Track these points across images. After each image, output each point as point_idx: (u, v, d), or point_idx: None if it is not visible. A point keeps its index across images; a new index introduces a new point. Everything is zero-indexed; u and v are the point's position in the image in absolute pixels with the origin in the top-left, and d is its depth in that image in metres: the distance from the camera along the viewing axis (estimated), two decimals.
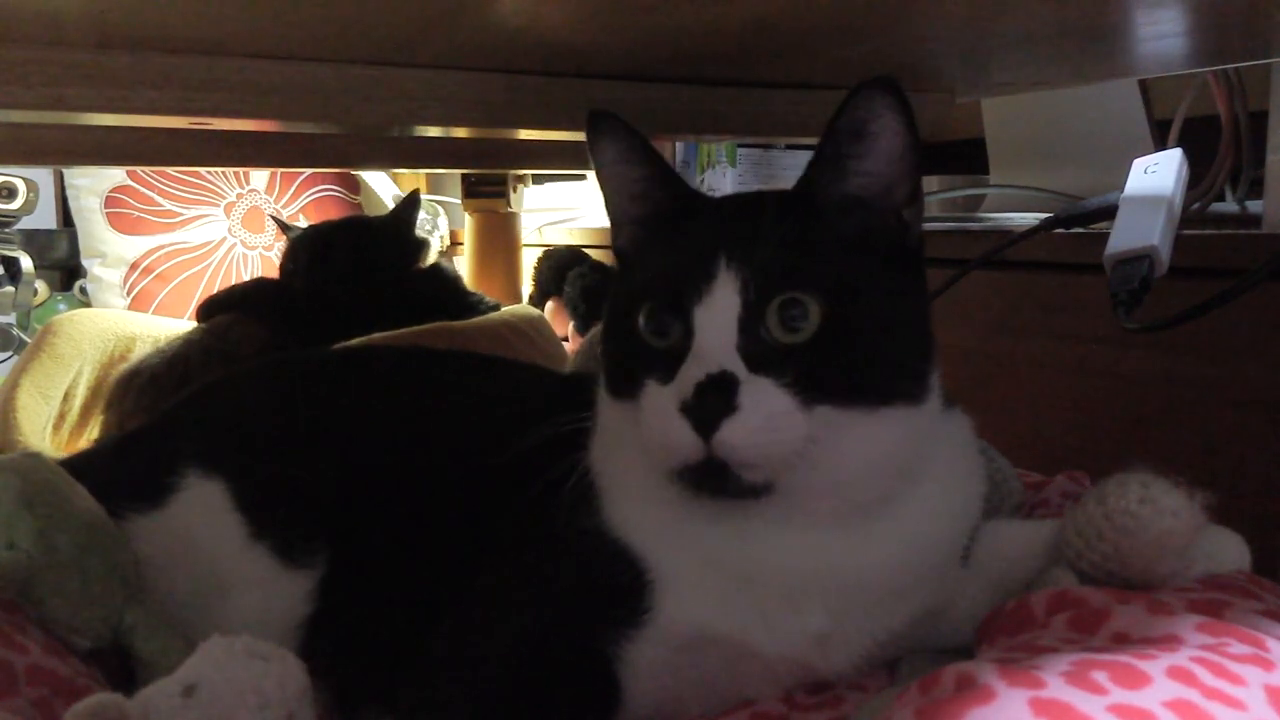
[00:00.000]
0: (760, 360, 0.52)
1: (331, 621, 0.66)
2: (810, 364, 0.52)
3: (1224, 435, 0.96)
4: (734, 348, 0.52)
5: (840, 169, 0.56)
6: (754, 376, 0.52)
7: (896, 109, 0.54)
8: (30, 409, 1.36)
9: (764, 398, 0.51)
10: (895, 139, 0.55)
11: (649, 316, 0.56)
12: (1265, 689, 0.43)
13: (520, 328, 1.43)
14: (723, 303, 0.53)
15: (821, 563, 0.57)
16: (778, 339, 0.53)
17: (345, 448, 0.71)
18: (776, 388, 0.52)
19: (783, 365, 0.52)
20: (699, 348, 0.53)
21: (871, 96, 0.54)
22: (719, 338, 0.53)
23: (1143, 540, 0.57)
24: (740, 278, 0.53)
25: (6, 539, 0.57)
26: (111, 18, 0.67)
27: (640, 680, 0.57)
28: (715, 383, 0.51)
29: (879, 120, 0.54)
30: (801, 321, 0.53)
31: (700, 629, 0.57)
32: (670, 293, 0.55)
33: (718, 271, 0.54)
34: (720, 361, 0.52)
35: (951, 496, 0.61)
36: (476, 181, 2.07)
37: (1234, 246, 0.98)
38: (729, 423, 0.51)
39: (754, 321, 0.53)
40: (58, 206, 2.70)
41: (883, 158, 0.56)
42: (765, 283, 0.53)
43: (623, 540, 0.58)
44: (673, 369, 0.53)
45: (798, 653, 0.58)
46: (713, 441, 0.51)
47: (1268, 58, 0.90)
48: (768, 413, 0.51)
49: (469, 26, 0.72)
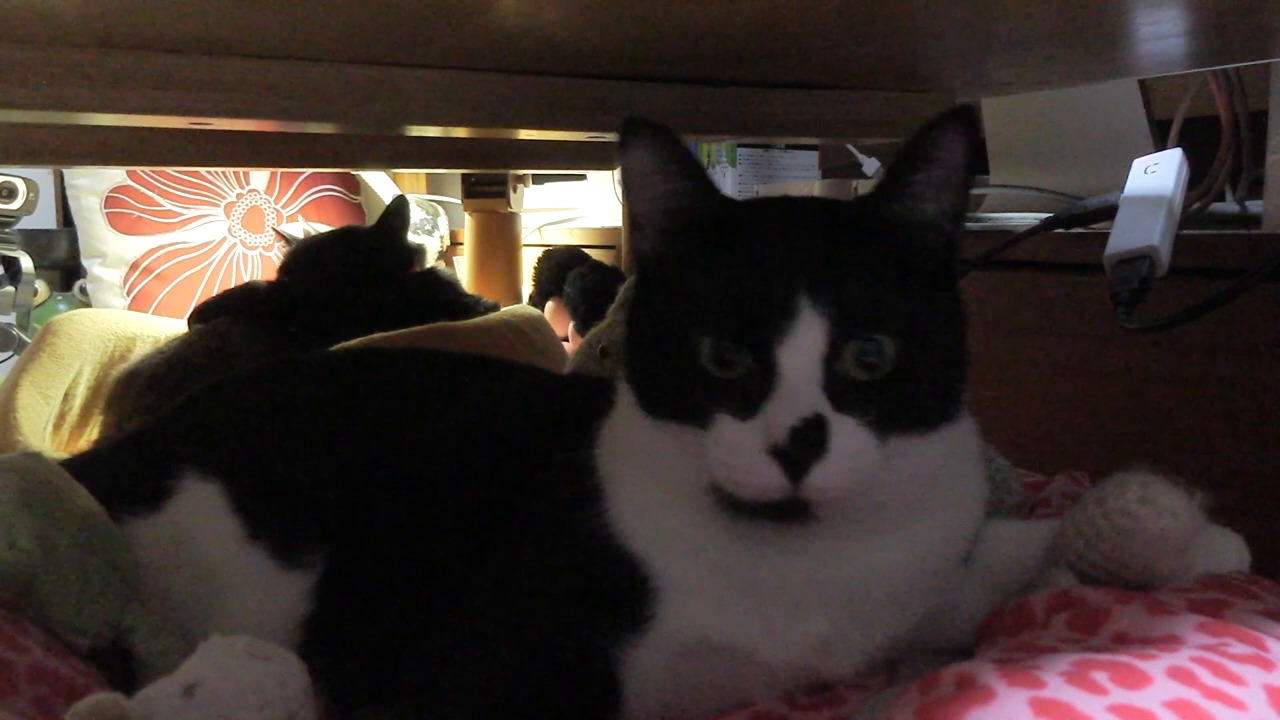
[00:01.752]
0: (843, 399, 0.52)
1: (330, 622, 0.66)
2: (886, 399, 0.53)
3: (1224, 435, 0.96)
4: (820, 387, 0.52)
5: (907, 192, 0.56)
6: (839, 416, 0.51)
7: (968, 138, 0.55)
8: (30, 409, 1.36)
9: (851, 439, 0.51)
10: (960, 165, 0.56)
11: (714, 345, 0.54)
12: (1265, 689, 0.43)
13: (520, 328, 1.43)
14: (808, 342, 0.52)
15: (828, 571, 0.57)
16: (854, 376, 0.52)
17: (343, 449, 0.70)
18: (859, 426, 0.52)
19: (863, 402, 0.52)
20: (787, 388, 0.52)
21: (953, 127, 0.55)
22: (806, 378, 0.52)
23: (1142, 540, 0.57)
24: (827, 317, 0.52)
25: (6, 539, 0.57)
26: (111, 18, 0.67)
27: (642, 684, 0.57)
28: (809, 427, 0.50)
29: (951, 149, 0.55)
30: (877, 358, 0.52)
31: (703, 636, 0.57)
32: (742, 325, 0.53)
33: (801, 308, 0.52)
34: (811, 404, 0.51)
35: (958, 503, 0.61)
36: (476, 181, 2.07)
37: (1234, 246, 0.98)
38: (820, 466, 0.50)
39: (835, 359, 0.52)
40: (58, 206, 2.70)
41: (947, 182, 0.56)
42: (851, 324, 0.52)
43: (627, 546, 0.58)
44: (749, 404, 0.52)
45: (800, 659, 0.58)
46: (802, 484, 0.51)
47: (1268, 58, 0.91)
48: (854, 452, 0.51)
49: (469, 26, 0.72)
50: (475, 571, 0.62)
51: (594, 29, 0.75)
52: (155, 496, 0.69)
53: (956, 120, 0.54)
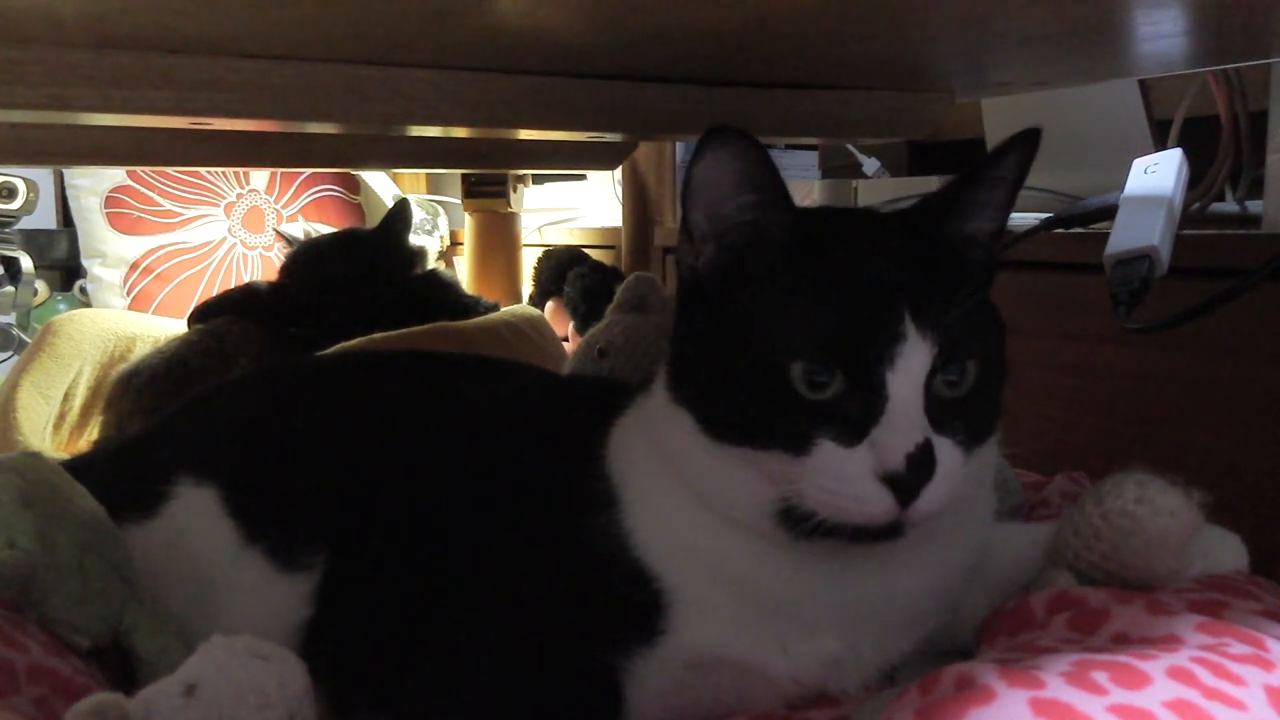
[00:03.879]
0: (939, 420, 0.52)
1: (328, 625, 0.66)
2: (969, 417, 0.54)
3: (1223, 435, 0.96)
4: (923, 411, 0.52)
5: (970, 211, 0.57)
6: (939, 438, 0.52)
7: (1031, 159, 0.57)
8: (30, 409, 1.36)
9: (950, 459, 0.52)
10: (1018, 184, 0.57)
11: (809, 368, 0.52)
12: (1265, 689, 0.43)
13: (520, 328, 1.43)
14: (915, 365, 0.52)
15: (844, 591, 0.57)
16: (943, 395, 0.53)
17: (341, 452, 0.70)
18: (954, 446, 0.53)
19: (954, 422, 0.53)
20: (897, 413, 0.51)
21: (1027, 148, 0.56)
22: (913, 403, 0.52)
23: (1140, 540, 0.57)
24: (933, 342, 0.52)
25: (6, 538, 0.57)
26: (111, 18, 0.67)
27: (646, 695, 0.57)
28: (923, 452, 0.51)
29: (1018, 170, 0.57)
30: (958, 376, 0.53)
31: (714, 652, 0.57)
32: (844, 348, 0.52)
33: (907, 333, 0.51)
34: (921, 428, 0.51)
35: (973, 518, 0.61)
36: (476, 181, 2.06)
37: (1234, 246, 0.98)
38: (928, 489, 0.51)
39: (932, 381, 0.53)
40: (58, 206, 2.70)
41: (1005, 202, 0.58)
42: (953, 349, 0.53)
43: (641, 558, 0.57)
44: (854, 429, 0.51)
45: (810, 676, 0.58)
46: (911, 507, 0.51)
47: (1268, 58, 0.90)
48: (952, 471, 0.52)
49: (469, 26, 0.72)
50: (476, 574, 0.62)
51: (594, 29, 0.75)
52: (150, 503, 0.69)
53: (1028, 143, 0.56)
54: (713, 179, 0.55)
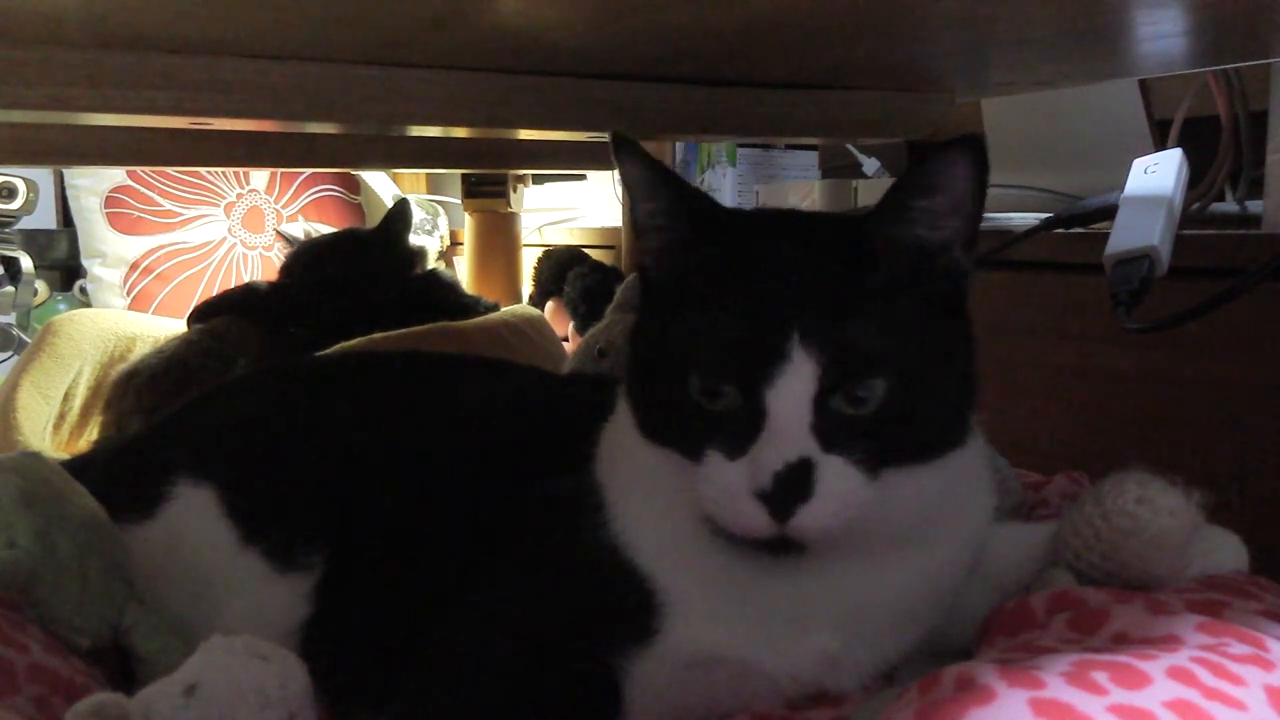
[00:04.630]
0: (832, 438, 0.51)
1: (326, 626, 0.66)
2: (877, 435, 0.51)
3: (1223, 435, 0.96)
4: (808, 428, 0.51)
5: (911, 219, 0.54)
6: (827, 457, 0.50)
7: (976, 167, 0.52)
8: (30, 409, 1.36)
9: (838, 479, 0.51)
10: (968, 194, 0.53)
11: (704, 380, 0.52)
12: (1265, 689, 0.43)
13: (520, 328, 1.43)
14: (799, 385, 0.51)
15: (836, 591, 0.57)
16: (845, 413, 0.51)
17: (340, 452, 0.70)
18: (848, 465, 0.51)
19: (852, 440, 0.51)
20: (774, 431, 0.51)
21: (963, 158, 0.52)
22: (794, 419, 0.51)
23: (1140, 540, 0.57)
24: (819, 362, 0.50)
25: (6, 538, 0.57)
26: (111, 18, 0.67)
27: (645, 695, 0.57)
28: (794, 472, 0.50)
29: (963, 178, 0.53)
30: (867, 394, 0.51)
31: (709, 651, 0.56)
32: (733, 365, 0.52)
33: (791, 352, 0.50)
34: (798, 447, 0.50)
35: (966, 519, 0.61)
36: (476, 181, 2.07)
37: (1234, 246, 0.98)
38: (805, 508, 0.50)
39: (824, 399, 0.51)
40: (58, 206, 2.70)
41: (953, 211, 0.54)
42: (843, 367, 0.51)
43: (632, 559, 0.57)
44: (739, 443, 0.51)
45: (807, 674, 0.58)
46: (788, 526, 0.50)
47: (1268, 58, 0.91)
48: (841, 493, 0.51)
49: (469, 26, 0.72)
50: (474, 575, 0.62)
51: (594, 29, 0.75)
52: (148, 504, 0.69)
53: (964, 149, 0.52)
54: (628, 185, 0.58)
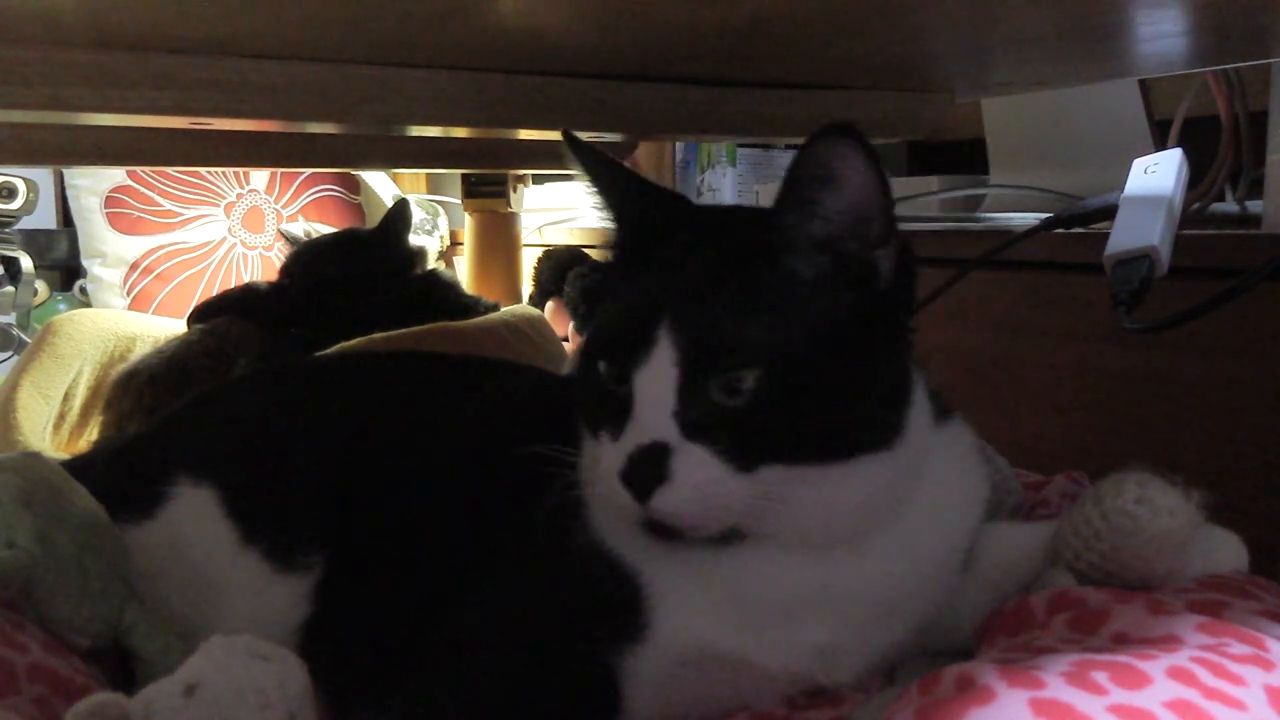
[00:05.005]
0: (696, 427, 0.52)
1: (326, 626, 0.66)
2: (749, 429, 0.52)
3: (1223, 435, 0.96)
4: (671, 414, 0.52)
5: (804, 212, 0.53)
6: (687, 444, 0.52)
7: (859, 153, 0.51)
8: (30, 409, 1.36)
9: (696, 467, 0.52)
10: (860, 182, 0.52)
11: (606, 366, 0.55)
12: (1265, 689, 0.43)
13: (520, 328, 1.43)
14: (661, 371, 0.52)
15: (817, 581, 0.56)
16: (719, 402, 0.52)
17: (340, 453, 0.70)
18: (710, 455, 0.52)
19: (719, 431, 0.52)
20: (637, 414, 0.53)
21: (833, 143, 0.51)
22: (656, 405, 0.52)
23: (1140, 540, 0.57)
24: (680, 348, 0.52)
25: (6, 538, 0.57)
26: (111, 18, 0.67)
27: (642, 692, 0.57)
28: (646, 454, 0.52)
29: (842, 164, 0.52)
30: (742, 386, 0.52)
31: (700, 644, 0.56)
32: (616, 350, 0.54)
33: (658, 337, 0.52)
34: (654, 430, 0.52)
35: (949, 508, 0.60)
36: (476, 181, 2.06)
37: (1234, 246, 0.98)
38: (660, 491, 0.51)
39: (695, 387, 0.52)
40: (58, 206, 2.69)
41: (848, 202, 0.53)
42: (703, 356, 0.52)
43: (615, 554, 0.57)
44: (618, 425, 0.54)
45: (799, 666, 0.57)
46: (648, 508, 0.52)
47: (1268, 58, 0.91)
48: (698, 482, 0.52)
49: (469, 26, 0.72)
50: (473, 575, 0.62)
51: (594, 29, 0.75)
52: (148, 504, 0.69)
53: (841, 136, 0.51)
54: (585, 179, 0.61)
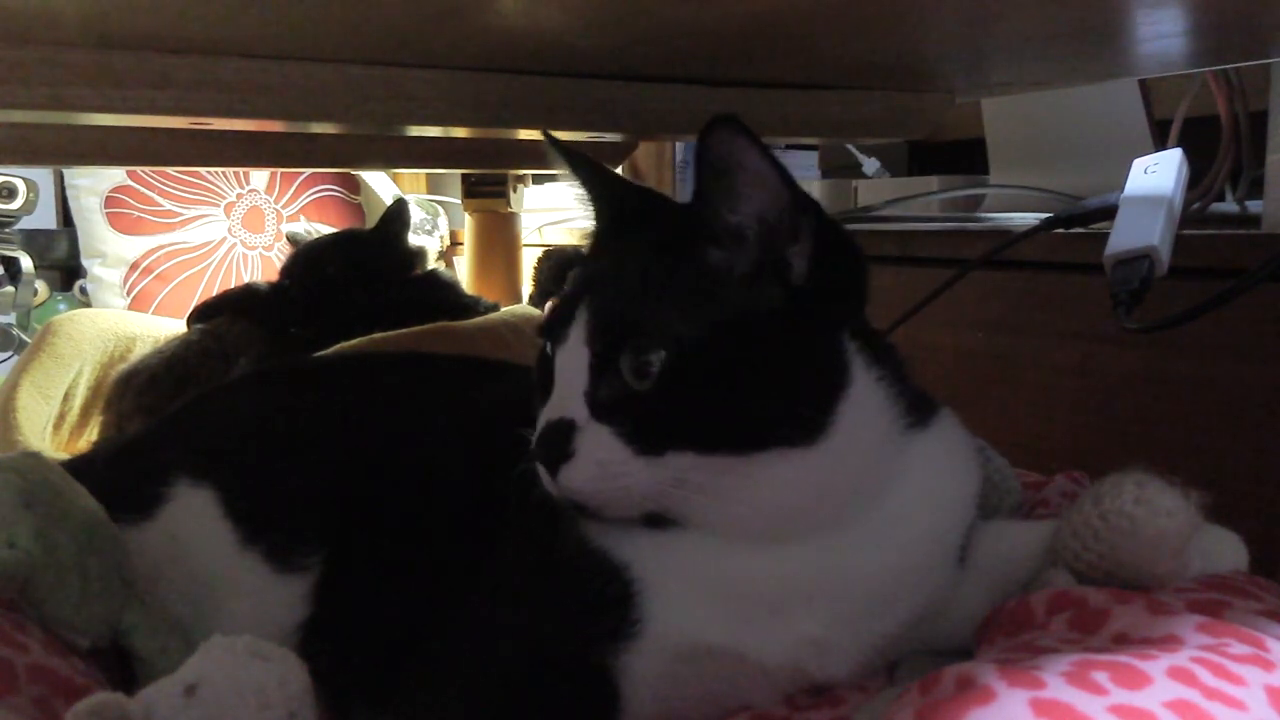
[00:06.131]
0: (602, 407, 0.54)
1: (326, 626, 0.66)
2: (653, 413, 0.53)
3: (1223, 435, 0.96)
4: (581, 394, 0.54)
5: (714, 204, 0.54)
6: (594, 424, 0.54)
7: (749, 145, 0.52)
8: (30, 409, 1.36)
9: (596, 446, 0.53)
10: (753, 172, 0.53)
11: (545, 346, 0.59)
12: (1266, 689, 0.43)
13: (520, 328, 1.43)
14: (575, 349, 0.55)
15: (802, 572, 0.56)
16: (629, 385, 0.53)
17: (339, 453, 0.70)
18: (612, 436, 0.53)
19: (625, 414, 0.53)
20: (554, 391, 0.56)
21: (718, 136, 0.52)
22: (570, 383, 0.55)
23: (1138, 540, 0.57)
24: (590, 327, 0.55)
25: (6, 538, 0.57)
26: (111, 18, 0.67)
27: (640, 690, 0.57)
28: (553, 429, 0.54)
29: (731, 156, 0.52)
30: (649, 369, 0.53)
31: (694, 640, 0.56)
32: (547, 329, 0.58)
33: (576, 317, 0.55)
34: (564, 408, 0.54)
35: (937, 502, 0.60)
36: (476, 181, 2.06)
37: (1234, 246, 0.98)
38: (564, 468, 0.53)
39: (605, 367, 0.54)
40: (58, 206, 2.70)
41: (746, 193, 0.53)
42: (611, 335, 0.54)
43: (604, 550, 0.57)
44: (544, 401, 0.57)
45: (792, 660, 0.57)
46: (556, 483, 0.54)
47: (1268, 58, 0.91)
48: (598, 460, 0.53)
49: (469, 26, 0.72)
50: (472, 575, 0.62)
51: (594, 29, 0.75)
52: (147, 504, 0.69)
53: (720, 128, 0.51)
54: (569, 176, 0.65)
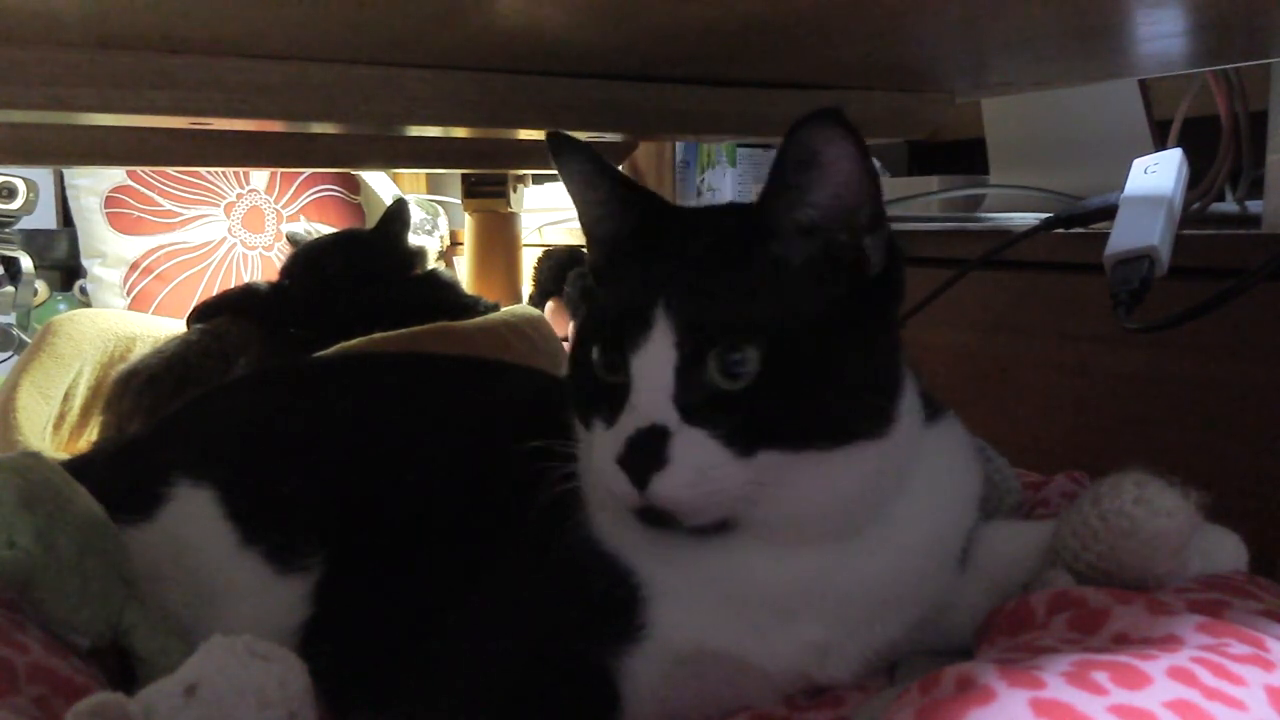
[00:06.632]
0: (695, 410, 0.52)
1: (326, 627, 0.66)
2: (749, 412, 0.52)
3: (1223, 435, 0.96)
4: (669, 398, 0.52)
5: (792, 198, 0.54)
6: (687, 428, 0.51)
7: (846, 138, 0.52)
8: (30, 409, 1.36)
9: (695, 451, 0.51)
10: (847, 167, 0.53)
11: (599, 354, 0.55)
12: (1266, 689, 0.43)
13: (520, 328, 1.43)
14: (659, 352, 0.52)
15: (811, 577, 0.56)
16: (718, 386, 0.52)
17: (339, 453, 0.70)
18: (709, 439, 0.51)
19: (719, 415, 0.52)
20: (634, 398, 0.53)
21: (819, 128, 0.52)
22: (654, 388, 0.52)
23: (1138, 540, 0.57)
24: (676, 327, 0.52)
25: (6, 538, 0.57)
26: (111, 18, 0.67)
27: (641, 691, 0.57)
28: (644, 437, 0.51)
29: (829, 149, 0.52)
30: (741, 369, 0.52)
31: (697, 644, 0.56)
32: (613, 336, 0.54)
33: (655, 319, 0.53)
34: (652, 414, 0.52)
35: (941, 505, 0.60)
36: (476, 181, 2.06)
37: (1234, 246, 0.98)
38: (659, 477, 0.51)
39: (692, 370, 0.52)
40: (58, 206, 2.70)
41: (834, 187, 0.53)
42: (701, 333, 0.52)
43: (613, 553, 0.57)
44: (614, 411, 0.53)
45: (795, 665, 0.57)
46: (646, 494, 0.51)
47: (1268, 58, 0.91)
48: (697, 466, 0.51)
49: (469, 26, 0.72)
50: (472, 576, 0.62)
51: (594, 29, 0.75)
52: (147, 505, 0.69)
53: (826, 121, 0.52)
54: (568, 183, 0.61)
